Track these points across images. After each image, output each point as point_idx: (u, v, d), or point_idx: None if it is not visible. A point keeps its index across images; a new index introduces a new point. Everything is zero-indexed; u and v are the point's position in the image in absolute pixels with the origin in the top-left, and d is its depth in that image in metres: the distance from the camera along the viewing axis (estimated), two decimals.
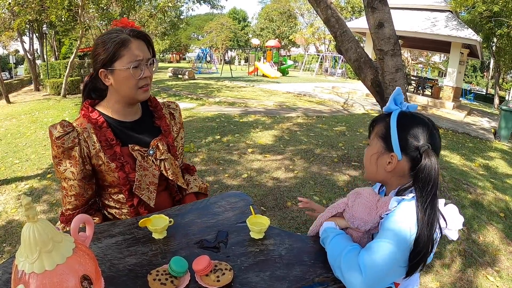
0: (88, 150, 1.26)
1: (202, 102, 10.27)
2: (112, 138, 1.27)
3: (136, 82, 1.24)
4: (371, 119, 1.17)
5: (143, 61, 1.24)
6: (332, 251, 0.99)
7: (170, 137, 1.44)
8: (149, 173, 1.33)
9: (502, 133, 8.49)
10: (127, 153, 1.30)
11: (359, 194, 1.08)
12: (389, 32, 2.87)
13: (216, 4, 24.37)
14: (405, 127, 1.04)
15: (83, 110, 1.30)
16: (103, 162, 1.27)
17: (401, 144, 1.03)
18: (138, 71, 1.23)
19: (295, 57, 42.94)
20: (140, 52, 1.24)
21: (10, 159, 5.28)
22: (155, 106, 1.45)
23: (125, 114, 1.35)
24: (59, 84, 13.39)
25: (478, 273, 2.90)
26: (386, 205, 1.02)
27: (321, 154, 5.50)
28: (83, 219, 0.85)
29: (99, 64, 1.24)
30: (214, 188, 4.09)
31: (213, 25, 42.32)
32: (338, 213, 1.11)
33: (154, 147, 1.36)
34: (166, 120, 1.46)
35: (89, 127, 1.27)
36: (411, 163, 1.04)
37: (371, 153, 1.11)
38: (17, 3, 10.09)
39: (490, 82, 28.04)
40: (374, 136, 1.11)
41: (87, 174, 1.28)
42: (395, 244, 0.91)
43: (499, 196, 4.51)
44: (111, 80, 1.25)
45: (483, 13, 12.86)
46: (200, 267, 0.89)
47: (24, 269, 0.67)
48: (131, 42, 1.23)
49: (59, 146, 1.22)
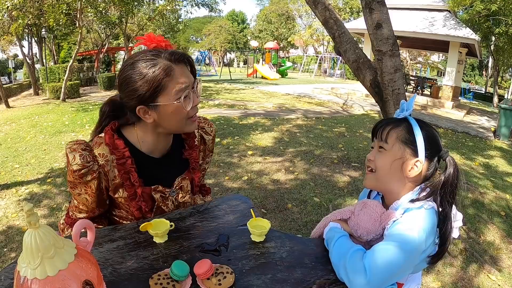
0: (108, 183, 1.13)
1: (201, 105, 10.28)
2: (136, 180, 1.13)
3: (186, 114, 1.07)
4: (380, 123, 1.13)
5: (189, 87, 1.06)
6: (338, 250, 0.99)
7: (197, 175, 1.28)
8: (164, 212, 1.24)
9: (502, 132, 8.50)
10: (148, 192, 1.18)
11: (366, 205, 1.08)
12: (387, 33, 2.88)
13: (215, 8, 24.41)
14: (426, 132, 1.05)
15: (108, 135, 1.11)
16: (120, 196, 1.16)
17: (425, 151, 1.04)
18: (187, 100, 1.05)
19: (294, 59, 42.97)
20: (186, 78, 1.05)
21: (10, 164, 5.28)
22: (188, 134, 1.26)
23: (157, 147, 1.17)
24: (58, 88, 13.39)
25: (480, 272, 2.90)
26: (390, 218, 1.03)
27: (321, 156, 5.51)
28: (85, 224, 0.85)
29: (135, 100, 1.04)
30: (214, 191, 4.09)
31: (212, 28, 42.37)
32: (342, 219, 1.12)
33: (177, 188, 1.23)
34: (197, 151, 1.28)
35: (112, 159, 1.11)
36: (430, 168, 1.06)
37: (393, 159, 1.06)
38: (15, 7, 10.10)
39: (489, 81, 28.05)
40: (394, 141, 1.07)
41: (103, 202, 1.17)
42: (401, 248, 0.92)
43: (499, 195, 4.51)
44: (153, 116, 1.07)
45: (481, 12, 12.86)
46: (201, 270, 0.90)
47: (27, 275, 0.67)
48: (174, 69, 1.03)
49: (76, 178, 1.08)
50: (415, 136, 1.04)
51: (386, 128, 1.09)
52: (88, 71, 19.26)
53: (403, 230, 0.95)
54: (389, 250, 0.92)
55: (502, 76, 29.89)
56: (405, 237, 0.94)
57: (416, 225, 0.95)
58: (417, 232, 0.94)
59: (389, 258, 0.91)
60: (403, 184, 1.07)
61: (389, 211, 1.06)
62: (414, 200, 1.02)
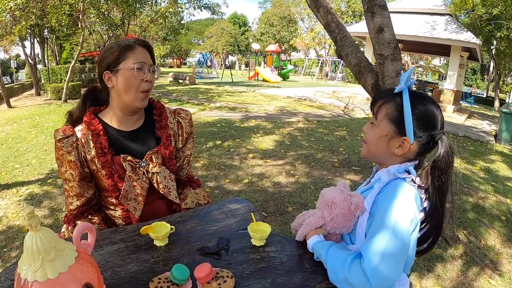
0: (85, 155, 1.31)
1: (203, 107, 10.29)
2: (106, 146, 1.30)
3: (138, 84, 1.28)
4: (375, 96, 1.12)
5: (146, 65, 1.29)
6: (333, 267, 0.95)
7: (169, 149, 1.42)
8: (138, 185, 1.34)
9: (503, 136, 8.49)
10: (118, 162, 1.32)
11: (334, 204, 1.05)
12: (389, 37, 2.88)
13: (217, 11, 24.47)
14: (419, 111, 1.01)
15: (86, 116, 1.34)
16: (96, 168, 1.32)
17: (415, 129, 1.01)
18: (141, 73, 1.28)
19: (295, 62, 43.01)
20: (144, 57, 1.30)
21: (11, 164, 5.28)
22: (160, 115, 1.45)
23: (125, 122, 1.37)
24: (60, 89, 13.41)
25: (480, 276, 2.89)
26: (358, 206, 1.02)
27: (322, 159, 5.50)
28: (85, 227, 0.85)
29: (104, 67, 1.29)
30: (215, 194, 4.09)
31: (214, 30, 42.44)
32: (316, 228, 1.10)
33: (148, 160, 1.36)
34: (169, 130, 1.44)
35: (88, 133, 1.31)
36: (421, 147, 1.03)
37: (379, 135, 1.06)
38: (18, 8, 10.13)
39: (490, 85, 28.04)
40: (383, 118, 1.05)
41: (86, 176, 1.33)
42: (397, 239, 0.90)
43: (500, 199, 4.50)
44: (114, 81, 1.29)
45: (482, 16, 12.89)
46: (201, 274, 0.90)
47: (27, 277, 0.68)
48: (136, 47, 1.29)
49: (59, 148, 1.29)
50: (404, 114, 1.01)
51: (378, 102, 1.09)
52: (90, 72, 19.28)
53: (395, 220, 0.92)
54: (386, 249, 0.89)
55: (503, 80, 29.90)
56: (399, 229, 0.91)
57: (402, 204, 0.94)
58: (405, 211, 0.93)
59: (385, 252, 0.89)
60: (391, 158, 1.07)
61: (355, 198, 1.04)
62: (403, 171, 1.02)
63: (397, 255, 0.90)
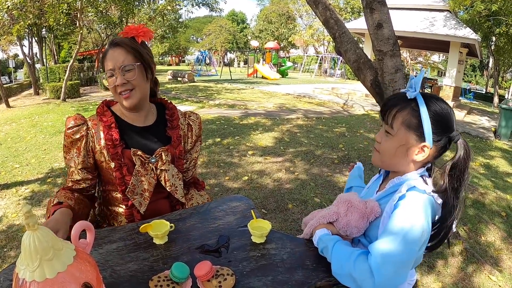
0: (94, 145, 1.33)
1: (202, 105, 10.27)
2: (117, 139, 1.31)
3: (114, 90, 1.31)
4: (386, 103, 1.08)
5: (115, 70, 1.29)
6: (338, 260, 0.96)
7: (179, 148, 1.44)
8: (145, 180, 1.34)
9: (502, 132, 8.49)
10: (128, 156, 1.33)
11: (351, 203, 1.07)
12: (388, 33, 2.87)
13: (215, 8, 24.42)
14: (435, 114, 0.99)
15: (99, 108, 1.38)
16: (104, 160, 1.33)
17: (433, 133, 0.99)
18: (112, 80, 1.30)
19: (294, 59, 42.94)
20: (112, 62, 1.29)
21: (10, 164, 5.27)
22: (172, 115, 1.47)
23: (134, 118, 1.40)
24: (58, 88, 13.38)
25: (480, 273, 2.89)
26: (374, 210, 1.03)
27: (321, 156, 5.50)
28: (84, 225, 0.85)
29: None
30: (214, 191, 4.09)
31: (212, 28, 42.37)
32: (328, 222, 1.11)
33: (157, 156, 1.37)
34: (179, 131, 1.46)
35: (100, 124, 1.34)
36: (439, 150, 1.02)
37: (398, 144, 1.04)
38: (16, 7, 10.09)
39: (489, 81, 28.03)
40: (399, 126, 1.02)
41: (88, 166, 1.35)
42: (407, 245, 0.90)
43: (500, 195, 4.50)
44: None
45: (481, 12, 12.85)
46: (201, 272, 0.89)
47: (25, 277, 0.67)
48: (108, 51, 1.31)
49: (68, 136, 1.31)
50: (422, 120, 0.99)
51: (392, 110, 1.04)
52: (89, 71, 19.26)
53: (407, 223, 0.92)
54: (394, 249, 0.90)
55: (502, 76, 29.90)
56: (409, 232, 0.91)
57: (420, 216, 0.93)
58: (421, 224, 0.92)
59: (394, 258, 0.89)
60: (409, 166, 1.05)
61: (371, 202, 1.06)
62: (420, 178, 1.01)
63: (403, 261, 0.91)
